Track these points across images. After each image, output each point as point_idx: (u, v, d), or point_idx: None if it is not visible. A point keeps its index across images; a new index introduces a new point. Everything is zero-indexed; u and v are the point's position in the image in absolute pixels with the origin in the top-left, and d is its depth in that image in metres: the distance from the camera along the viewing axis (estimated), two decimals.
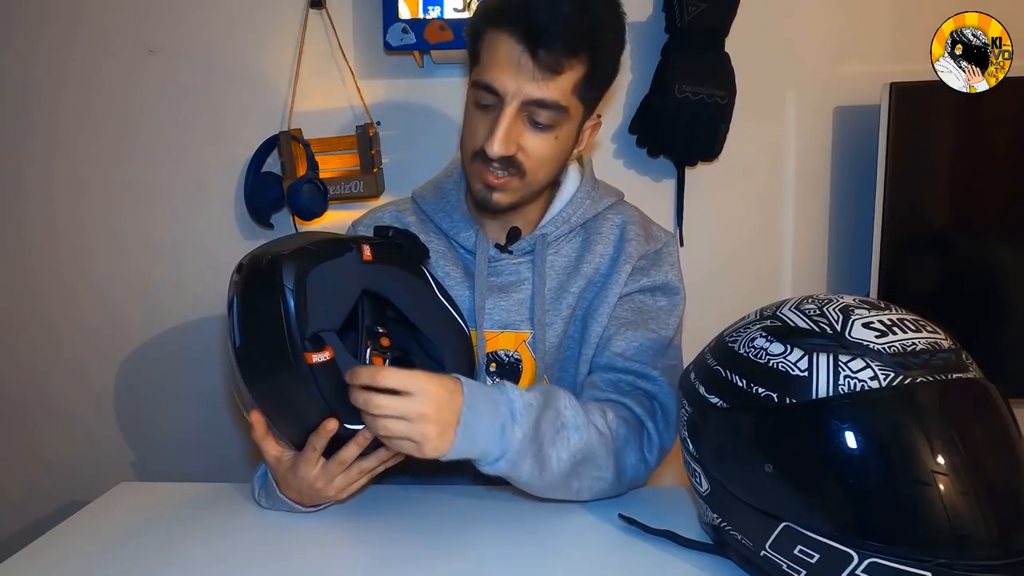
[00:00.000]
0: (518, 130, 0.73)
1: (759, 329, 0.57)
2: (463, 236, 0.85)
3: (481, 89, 0.72)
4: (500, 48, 0.70)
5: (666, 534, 0.64)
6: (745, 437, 0.55)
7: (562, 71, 0.70)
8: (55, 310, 1.40)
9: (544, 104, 0.71)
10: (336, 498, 0.70)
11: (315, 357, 0.61)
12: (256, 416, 0.68)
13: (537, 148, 0.74)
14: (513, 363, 0.84)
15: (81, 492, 1.42)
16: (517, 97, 0.70)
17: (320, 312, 0.63)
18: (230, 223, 1.36)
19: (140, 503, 0.77)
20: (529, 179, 0.76)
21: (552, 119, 0.73)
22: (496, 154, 0.72)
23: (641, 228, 0.86)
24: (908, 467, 0.48)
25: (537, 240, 0.83)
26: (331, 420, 0.63)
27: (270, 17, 1.30)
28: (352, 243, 0.68)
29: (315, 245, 0.65)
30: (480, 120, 0.74)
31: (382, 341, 0.74)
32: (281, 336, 0.61)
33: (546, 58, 0.68)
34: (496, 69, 0.70)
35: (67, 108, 1.34)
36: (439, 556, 0.64)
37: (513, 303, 0.83)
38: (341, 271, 0.66)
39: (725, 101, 1.20)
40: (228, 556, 0.65)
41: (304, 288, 0.62)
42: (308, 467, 0.66)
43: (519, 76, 0.69)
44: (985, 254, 1.23)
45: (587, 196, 0.86)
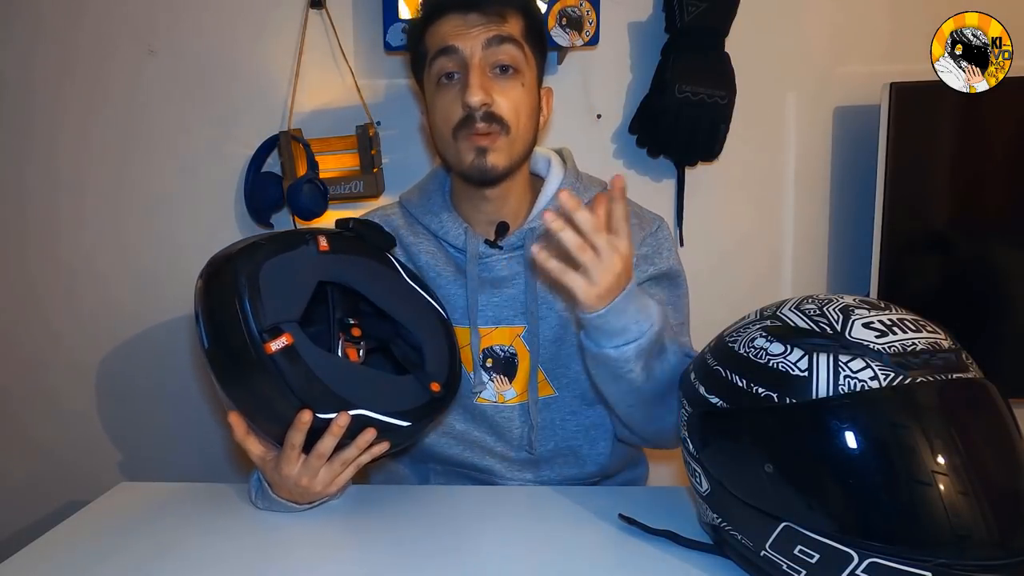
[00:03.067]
0: (488, 82, 0.76)
1: (759, 329, 0.57)
2: (452, 235, 0.85)
3: (441, 56, 0.77)
4: (445, 25, 0.77)
5: (666, 534, 0.64)
6: (745, 437, 0.55)
7: (506, 16, 0.77)
8: (54, 310, 1.40)
9: (502, 39, 0.76)
10: (327, 493, 0.70)
11: (273, 345, 0.61)
12: (234, 417, 0.69)
13: (509, 95, 0.77)
14: (509, 357, 0.84)
15: (81, 492, 1.42)
16: (477, 46, 0.76)
17: (276, 304, 0.63)
18: (230, 223, 1.36)
19: (140, 503, 0.77)
20: (513, 134, 0.78)
21: (514, 58, 0.77)
22: (475, 101, 0.74)
23: (634, 216, 0.88)
24: (908, 467, 0.48)
25: (526, 234, 0.84)
26: (305, 411, 0.63)
27: (270, 17, 1.30)
28: (308, 235, 0.69)
29: (267, 240, 0.67)
30: (448, 93, 0.78)
31: (353, 331, 0.75)
32: (240, 331, 0.62)
33: (488, 10, 0.76)
34: (449, 36, 0.77)
35: (66, 108, 1.34)
36: (438, 556, 0.64)
37: (506, 298, 0.84)
38: (295, 263, 0.67)
39: (725, 101, 1.20)
40: (227, 556, 0.65)
41: (256, 281, 0.63)
42: (290, 465, 0.67)
43: (472, 29, 0.76)
44: (985, 254, 1.23)
45: (572, 187, 0.87)
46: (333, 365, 0.67)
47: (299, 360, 0.63)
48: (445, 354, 0.75)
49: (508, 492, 0.82)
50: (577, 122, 1.32)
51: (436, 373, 0.72)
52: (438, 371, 0.73)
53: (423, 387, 0.70)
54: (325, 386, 0.64)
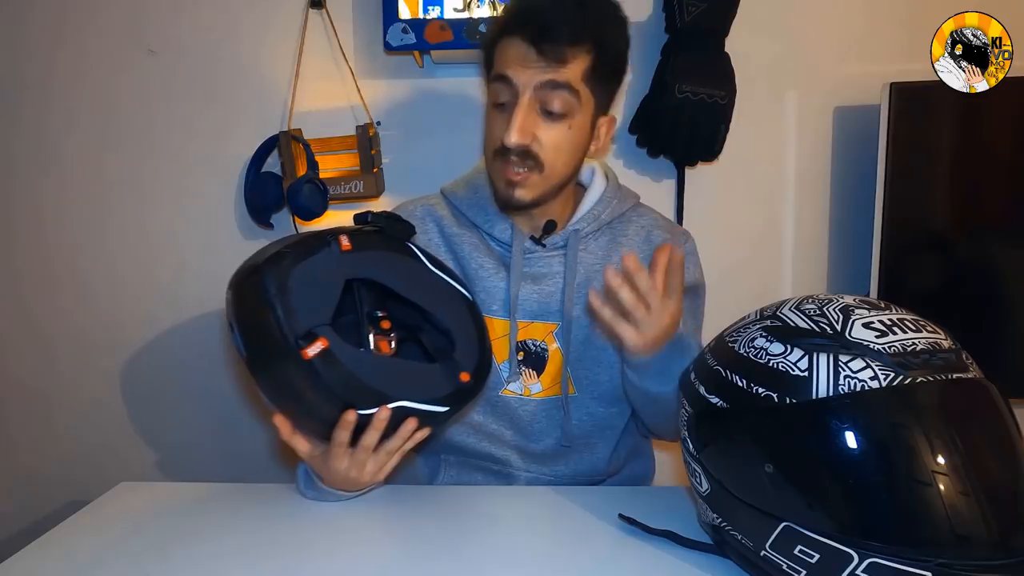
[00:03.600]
0: (533, 120, 0.77)
1: (759, 329, 0.57)
2: (498, 230, 0.88)
3: (497, 82, 0.79)
4: (511, 49, 0.77)
5: (666, 534, 0.64)
6: (745, 437, 0.55)
7: (567, 60, 0.75)
8: (52, 310, 1.40)
9: (556, 84, 0.76)
10: (374, 482, 0.73)
11: (310, 351, 0.63)
12: (279, 419, 0.71)
13: (552, 138, 0.78)
14: (540, 352, 0.87)
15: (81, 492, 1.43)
16: (529, 86, 0.76)
17: (307, 310, 0.65)
18: (230, 223, 1.36)
19: (140, 503, 0.77)
20: (547, 173, 0.80)
21: (564, 105, 0.77)
22: (513, 143, 0.76)
23: (666, 231, 0.92)
24: (908, 467, 0.48)
25: (570, 235, 0.87)
26: (349, 412, 0.65)
27: (270, 17, 1.30)
28: (329, 236, 0.70)
29: (290, 247, 0.68)
30: (498, 119, 0.80)
31: (383, 324, 0.76)
32: (276, 340, 0.63)
33: (551, 50, 0.74)
34: (509, 64, 0.77)
35: (66, 108, 1.34)
36: (438, 555, 0.64)
37: (544, 295, 0.86)
38: (321, 266, 0.68)
39: (725, 101, 1.20)
40: (228, 556, 0.65)
41: (287, 290, 0.64)
42: (338, 460, 0.69)
43: (529, 67, 0.76)
44: (985, 254, 1.23)
45: (614, 196, 0.91)
46: (368, 361, 0.69)
47: (336, 362, 0.64)
48: (474, 339, 0.77)
49: (508, 492, 0.82)
50: None
51: (465, 361, 0.74)
52: (467, 358, 0.75)
53: (453, 376, 0.72)
54: (363, 383, 0.66)
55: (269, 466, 1.43)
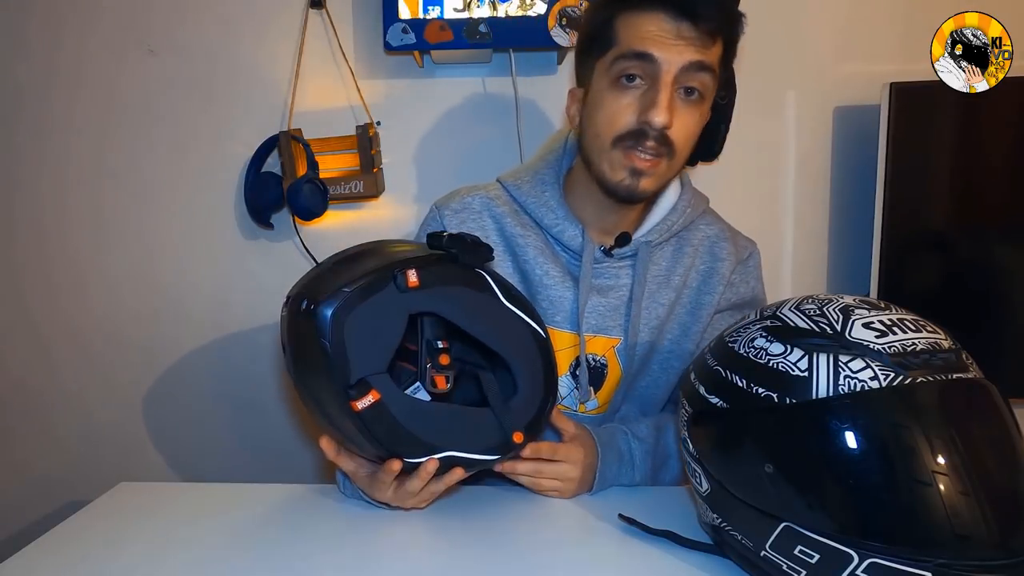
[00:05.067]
0: (675, 103, 0.70)
1: (759, 329, 0.57)
2: (567, 235, 0.81)
3: (633, 59, 0.69)
4: (649, 24, 0.69)
5: (666, 534, 0.64)
6: (745, 437, 0.55)
7: (715, 41, 0.70)
8: (52, 311, 1.40)
9: (703, 66, 0.69)
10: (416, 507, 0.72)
11: (360, 404, 0.60)
12: (324, 442, 0.69)
13: (687, 123, 0.71)
14: (599, 368, 0.83)
15: (81, 492, 1.42)
16: (676, 65, 0.68)
17: (362, 357, 0.61)
18: (230, 223, 1.36)
19: (140, 503, 0.77)
20: (675, 161, 0.73)
21: (705, 86, 0.71)
22: (662, 122, 0.68)
23: (731, 243, 0.87)
24: (908, 467, 0.48)
25: (641, 246, 0.81)
26: (394, 462, 0.63)
27: (270, 17, 1.30)
28: (397, 271, 0.63)
29: (353, 284, 0.61)
30: (625, 98, 0.71)
31: (441, 359, 0.71)
32: (325, 386, 0.61)
33: (704, 25, 0.68)
34: (650, 40, 0.68)
35: (66, 108, 1.34)
36: (437, 555, 0.64)
37: (609, 308, 0.82)
38: (382, 308, 0.62)
39: (725, 101, 1.19)
40: (228, 556, 0.65)
41: (342, 337, 0.60)
42: (382, 493, 0.68)
43: (679, 42, 0.68)
44: (985, 254, 1.23)
45: (688, 204, 0.85)
46: (420, 411, 0.66)
47: (386, 414, 0.62)
48: (539, 387, 0.71)
49: (508, 492, 0.82)
50: None
51: (524, 410, 0.70)
52: (527, 406, 0.70)
53: (507, 432, 0.68)
54: (413, 435, 0.64)
55: (270, 466, 1.43)
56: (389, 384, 0.63)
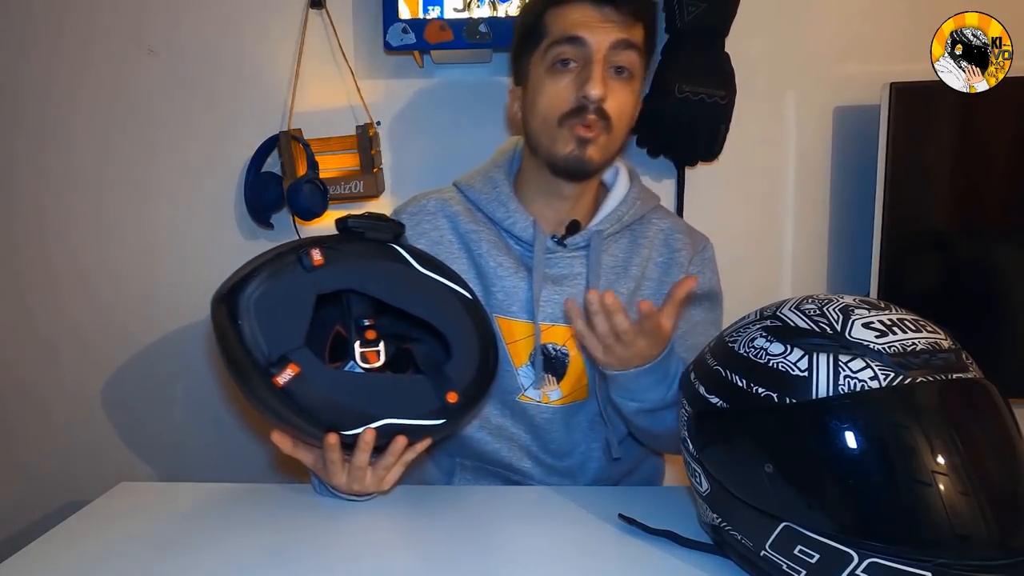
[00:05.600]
0: (608, 79, 0.77)
1: (759, 329, 0.57)
2: (519, 227, 0.85)
3: (564, 43, 0.77)
4: (575, 12, 0.77)
5: (666, 534, 0.64)
6: (745, 437, 0.55)
7: (636, 22, 0.77)
8: (53, 311, 1.40)
9: (629, 43, 0.76)
10: (381, 489, 0.73)
11: (281, 379, 0.62)
12: (277, 436, 0.70)
13: (621, 98, 0.78)
14: (560, 357, 0.85)
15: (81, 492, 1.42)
16: (604, 44, 0.75)
17: (275, 335, 0.63)
18: (230, 223, 1.36)
19: (140, 503, 0.77)
20: (614, 135, 0.79)
21: (633, 64, 0.78)
22: (596, 95, 0.75)
23: (686, 235, 0.90)
24: (908, 467, 0.48)
25: (593, 236, 0.85)
26: (331, 435, 0.65)
27: (270, 17, 1.30)
28: (301, 251, 0.66)
29: (258, 268, 0.65)
30: (561, 80, 0.78)
31: (367, 335, 0.73)
32: (249, 369, 0.63)
33: (625, 8, 0.76)
34: (578, 26, 0.76)
35: (66, 108, 1.34)
36: (437, 555, 0.64)
37: (565, 296, 0.83)
38: (289, 288, 0.65)
39: (725, 101, 1.20)
40: (228, 556, 0.65)
41: (251, 318, 0.62)
42: (336, 476, 0.70)
43: (605, 24, 0.76)
44: (985, 254, 1.23)
45: (637, 197, 0.89)
46: (348, 381, 0.67)
47: (311, 386, 0.63)
48: (473, 342, 0.73)
49: (507, 492, 0.82)
50: None
51: (460, 372, 0.71)
52: (463, 367, 0.71)
53: (441, 393, 0.69)
54: (343, 405, 0.65)
55: (271, 466, 1.43)
56: (309, 357, 0.64)
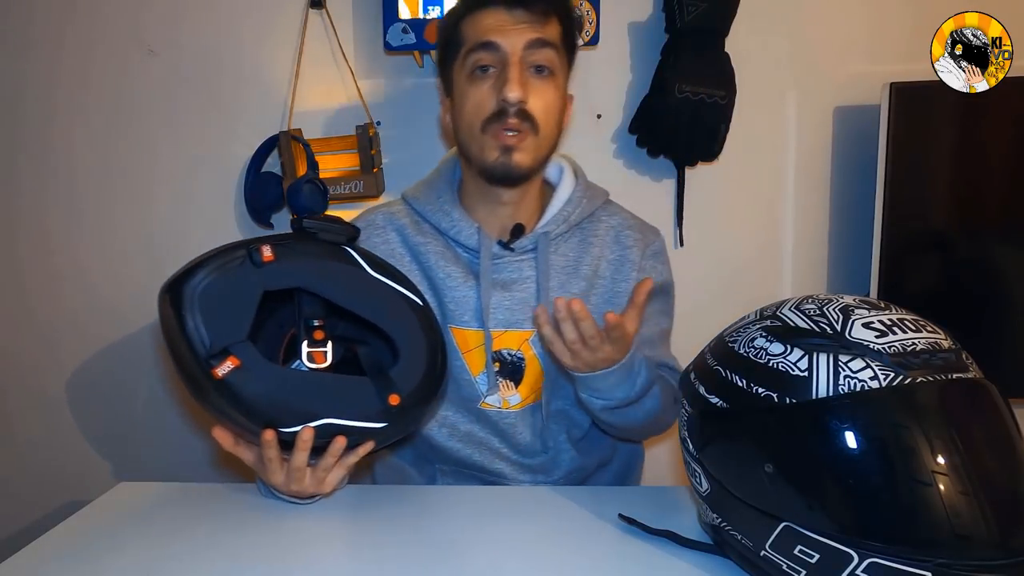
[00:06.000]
0: (527, 80, 0.76)
1: (759, 329, 0.57)
2: (464, 234, 0.84)
3: (480, 50, 0.76)
4: (487, 18, 0.76)
5: (666, 534, 0.64)
6: (745, 437, 0.55)
7: (549, 19, 0.77)
8: (51, 311, 1.40)
9: (544, 42, 0.76)
10: (321, 492, 0.71)
11: (220, 370, 0.62)
12: (218, 432, 0.69)
13: (543, 96, 0.77)
14: (516, 362, 0.84)
15: (81, 492, 1.42)
16: (519, 45, 0.75)
17: (218, 327, 0.63)
18: (230, 223, 1.36)
19: (140, 503, 0.77)
20: (541, 135, 0.78)
21: (552, 61, 0.77)
22: (514, 97, 0.74)
23: (636, 231, 0.89)
24: (908, 467, 0.48)
25: (539, 238, 0.84)
26: (267, 431, 0.63)
27: (270, 17, 1.30)
28: (251, 247, 0.67)
29: (206, 260, 0.65)
30: (481, 86, 0.77)
31: (315, 335, 0.73)
32: (189, 360, 0.62)
33: (536, 7, 0.75)
34: (491, 31, 0.76)
35: (65, 108, 1.34)
36: (438, 556, 0.64)
37: (516, 301, 0.83)
38: (235, 281, 0.65)
39: (725, 101, 1.20)
40: (228, 556, 0.65)
41: (195, 308, 0.63)
42: (274, 475, 0.68)
43: (517, 26, 0.75)
44: (985, 254, 1.23)
45: (583, 195, 0.87)
46: (289, 378, 0.67)
47: (250, 380, 0.63)
48: (421, 347, 0.72)
49: (507, 492, 0.82)
50: (577, 122, 1.32)
51: (406, 375, 0.70)
52: (410, 371, 0.71)
53: (383, 395, 0.68)
54: (282, 401, 0.64)
55: None
56: (251, 352, 0.64)
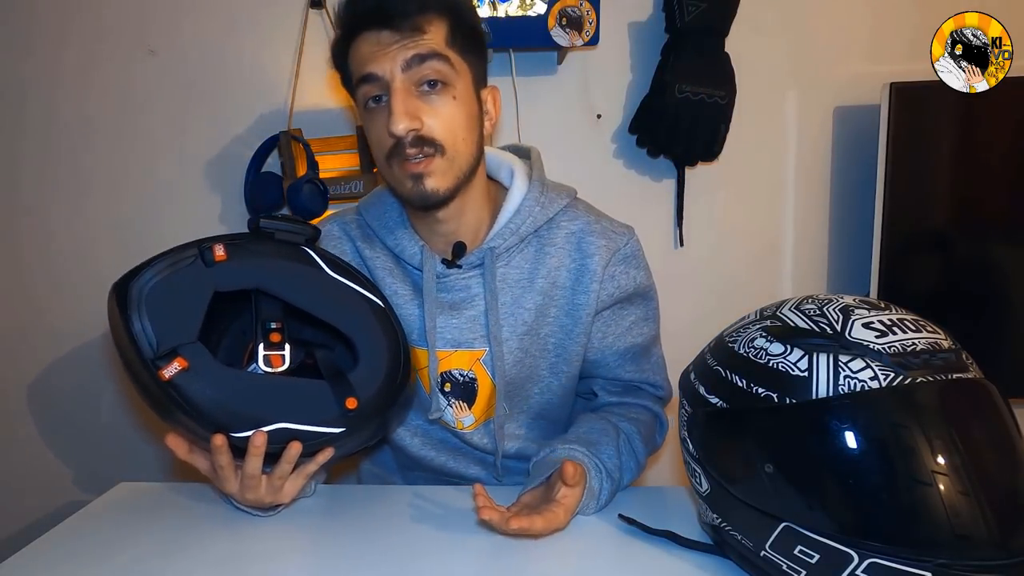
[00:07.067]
0: (414, 104, 0.69)
1: (759, 329, 0.57)
2: (408, 253, 0.80)
3: (364, 84, 0.71)
4: (363, 45, 0.70)
5: (666, 534, 0.64)
6: (745, 437, 0.55)
7: (424, 28, 0.69)
8: (51, 311, 1.40)
9: (422, 56, 0.68)
10: (279, 502, 0.68)
11: (167, 372, 0.60)
12: (172, 439, 0.65)
13: (440, 112, 0.70)
14: (468, 383, 0.81)
15: (81, 492, 1.42)
16: (397, 69, 0.68)
17: (166, 327, 0.61)
18: (230, 223, 1.36)
19: (140, 503, 0.77)
20: (450, 154, 0.71)
21: (439, 73, 0.69)
22: (401, 129, 0.68)
23: (600, 236, 0.81)
24: (908, 467, 0.48)
25: (486, 254, 0.78)
26: (216, 436, 0.61)
27: (270, 17, 1.30)
28: (203, 246, 0.65)
29: (156, 259, 0.64)
30: (378, 119, 0.71)
31: (272, 337, 0.70)
32: (134, 360, 0.60)
33: (403, 21, 0.68)
34: (367, 60, 0.69)
35: (66, 108, 1.34)
36: (438, 556, 0.64)
37: (465, 320, 0.79)
38: (184, 280, 0.64)
39: (725, 101, 1.20)
40: (228, 556, 0.65)
41: (141, 309, 0.61)
42: (229, 483, 0.65)
43: (389, 49, 0.68)
44: (985, 254, 1.23)
45: (535, 203, 0.79)
46: (240, 381, 0.64)
47: (199, 382, 0.60)
48: (382, 350, 0.70)
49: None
50: (577, 122, 1.32)
51: (366, 378, 0.68)
52: (369, 373, 0.68)
53: (340, 399, 0.66)
54: (233, 405, 0.61)
55: None
56: (201, 353, 0.62)
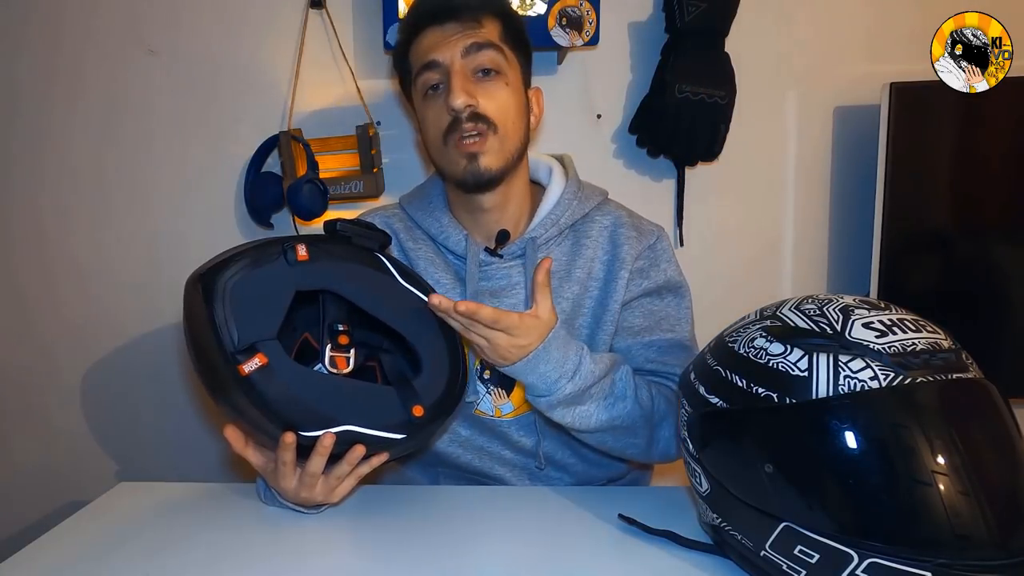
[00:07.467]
0: (471, 86, 0.76)
1: (759, 329, 0.57)
2: (452, 240, 0.84)
3: (424, 71, 0.78)
4: (425, 39, 0.78)
5: (666, 534, 0.64)
6: (745, 437, 0.55)
7: (482, 22, 0.77)
8: (52, 311, 1.40)
9: (480, 45, 0.76)
10: (328, 502, 0.70)
11: (247, 367, 0.60)
12: (230, 431, 0.68)
13: (494, 95, 0.77)
14: None
15: (81, 492, 1.42)
16: (456, 55, 0.76)
17: (249, 322, 0.62)
18: (230, 223, 1.36)
19: (140, 503, 0.77)
20: (501, 133, 0.77)
21: (494, 61, 0.77)
22: (460, 104, 0.74)
23: (632, 228, 0.86)
24: (908, 467, 0.48)
25: (527, 243, 0.83)
26: (288, 434, 0.62)
27: (270, 17, 1.29)
28: (286, 245, 0.66)
29: (239, 254, 0.64)
30: (435, 103, 0.78)
31: (340, 339, 0.72)
32: (214, 353, 0.61)
33: (465, 15, 0.77)
34: (430, 50, 0.77)
35: (65, 108, 1.34)
36: (438, 556, 0.64)
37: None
38: (269, 277, 0.65)
39: (725, 101, 1.20)
40: (228, 556, 0.65)
41: (226, 301, 0.61)
42: (286, 480, 0.67)
43: (451, 39, 0.76)
44: (985, 254, 1.23)
45: (574, 197, 0.86)
46: (314, 381, 0.66)
47: (276, 379, 0.62)
48: (444, 360, 0.72)
49: (508, 492, 0.82)
50: (577, 122, 1.32)
51: (429, 387, 0.70)
52: (432, 383, 0.70)
53: (407, 406, 0.67)
54: (306, 404, 0.63)
55: None
56: (279, 351, 0.63)
